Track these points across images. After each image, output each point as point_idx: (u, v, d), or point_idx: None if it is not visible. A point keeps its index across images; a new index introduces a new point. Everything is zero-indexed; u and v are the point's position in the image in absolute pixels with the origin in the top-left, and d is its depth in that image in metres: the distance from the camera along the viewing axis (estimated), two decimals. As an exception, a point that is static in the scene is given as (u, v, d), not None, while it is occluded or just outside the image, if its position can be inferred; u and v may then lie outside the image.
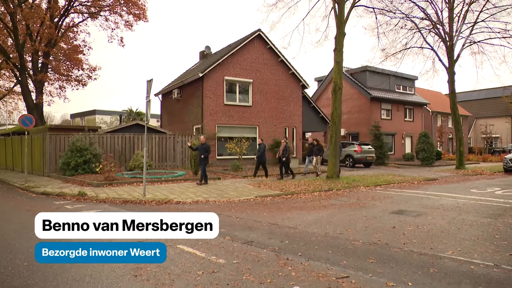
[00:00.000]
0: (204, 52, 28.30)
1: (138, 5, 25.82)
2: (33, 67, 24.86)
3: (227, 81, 21.43)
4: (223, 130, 21.21)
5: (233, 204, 9.79)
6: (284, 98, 23.49)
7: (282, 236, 6.26)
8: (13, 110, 45.80)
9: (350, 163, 23.57)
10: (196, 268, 4.57)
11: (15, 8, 21.88)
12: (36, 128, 18.70)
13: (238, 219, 7.71)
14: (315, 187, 12.71)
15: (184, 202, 9.86)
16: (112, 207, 9.29)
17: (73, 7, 25.26)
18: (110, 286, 4.04)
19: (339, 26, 15.82)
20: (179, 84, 23.48)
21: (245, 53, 22.08)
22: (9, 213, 8.76)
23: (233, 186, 13.28)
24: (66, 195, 11.09)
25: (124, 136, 18.08)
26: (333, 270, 4.55)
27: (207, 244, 5.66)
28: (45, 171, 16.86)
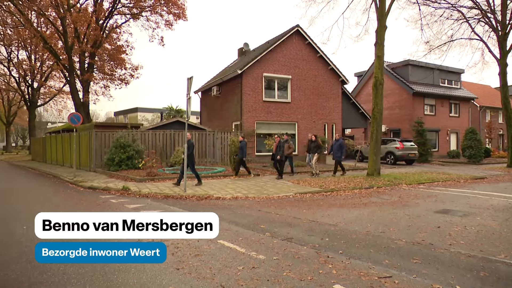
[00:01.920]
0: (242, 49, 28.46)
1: (178, 4, 26.40)
2: (80, 68, 26.10)
3: (265, 77, 21.46)
4: (262, 126, 21.28)
5: (272, 200, 9.82)
6: (323, 94, 23.21)
7: (322, 233, 6.21)
8: (63, 108, 48.46)
9: (392, 160, 22.94)
10: (237, 263, 4.62)
11: (65, 13, 23.08)
12: (83, 126, 19.62)
13: (278, 216, 7.73)
14: (355, 184, 12.50)
15: (223, 198, 10.00)
16: (154, 202, 9.57)
17: (117, 9, 26.22)
18: (153, 277, 4.16)
19: (380, 19, 15.40)
20: (218, 81, 23.78)
21: (284, 49, 22.00)
22: (60, 206, 9.25)
23: (272, 182, 13.31)
24: (111, 190, 11.56)
25: (165, 133, 18.58)
26: (375, 269, 4.46)
27: (247, 240, 5.72)
28: (91, 166, 17.64)
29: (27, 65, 39.64)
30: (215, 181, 13.52)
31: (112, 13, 26.25)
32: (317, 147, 15.73)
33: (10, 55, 40.04)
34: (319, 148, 15.78)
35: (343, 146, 15.76)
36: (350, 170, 18.12)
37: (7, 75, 42.96)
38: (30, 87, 41.18)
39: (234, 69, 22.09)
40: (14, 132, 76.68)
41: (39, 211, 8.15)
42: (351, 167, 18.94)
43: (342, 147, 15.70)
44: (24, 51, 39.29)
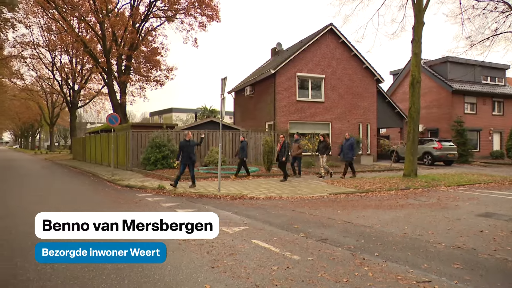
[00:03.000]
0: (275, 49, 28.43)
1: (211, 6, 26.69)
2: (118, 70, 26.93)
3: (299, 77, 21.35)
4: (295, 126, 21.18)
5: (306, 200, 9.75)
6: (357, 94, 22.82)
7: (357, 235, 6.11)
8: (101, 109, 50.35)
9: (429, 161, 22.21)
10: (271, 263, 4.63)
11: (103, 18, 23.93)
12: (121, 126, 20.26)
13: (312, 216, 7.67)
14: (391, 185, 12.21)
15: (257, 198, 10.03)
16: (189, 201, 9.72)
17: (152, 12, 26.86)
18: (189, 275, 4.24)
19: (417, 15, 14.92)
20: (251, 81, 23.89)
21: (317, 48, 21.81)
22: (99, 204, 9.59)
23: (305, 182, 13.22)
24: (147, 188, 11.86)
25: (199, 133, 18.82)
26: (413, 273, 4.33)
27: (281, 240, 5.72)
28: (128, 165, 18.17)
29: (69, 69, 41.44)
30: (249, 181, 13.58)
31: (148, 17, 26.90)
32: (326, 148, 15.10)
33: (54, 60, 42.00)
34: (327, 149, 15.17)
35: (354, 145, 14.79)
36: (386, 170, 17.71)
37: (51, 78, 45.12)
38: (72, 90, 42.98)
39: (267, 69, 22.12)
40: (57, 132, 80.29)
41: (80, 208, 8.50)
42: (386, 168, 18.51)
43: (353, 146, 14.72)
44: (66, 55, 41.12)
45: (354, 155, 14.83)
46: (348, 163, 14.70)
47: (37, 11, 32.55)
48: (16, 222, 6.95)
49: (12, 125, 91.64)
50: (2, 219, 7.27)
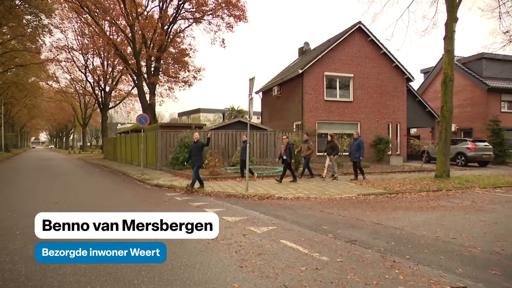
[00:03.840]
0: (303, 49, 28.27)
1: (238, 6, 26.84)
2: (147, 71, 27.50)
3: (327, 76, 21.15)
4: (323, 126, 21.00)
5: (335, 201, 9.64)
6: (387, 93, 22.37)
7: (387, 237, 5.98)
8: (131, 110, 51.62)
9: (462, 161, 21.46)
10: (300, 264, 4.60)
11: (133, 21, 24.51)
12: (150, 126, 20.66)
13: (341, 217, 7.57)
14: (422, 187, 11.88)
15: (285, 198, 9.99)
16: (217, 200, 9.81)
17: (180, 14, 27.29)
18: (218, 274, 4.27)
19: (450, 11, 14.42)
20: (279, 81, 23.85)
21: (345, 47, 21.53)
22: (130, 202, 9.80)
23: (333, 183, 13.07)
24: (176, 188, 12.04)
25: (227, 133, 18.99)
26: (446, 277, 4.20)
27: (309, 241, 5.68)
28: (157, 165, 18.52)
29: (101, 71, 42.70)
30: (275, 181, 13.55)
31: (176, 19, 27.34)
32: (332, 148, 14.19)
33: (86, 62, 43.47)
34: (334, 150, 14.19)
35: (361, 145, 13.83)
36: (416, 171, 17.27)
37: (84, 80, 46.72)
38: (103, 91, 44.28)
39: (295, 69, 22.02)
40: (89, 133, 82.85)
41: (112, 206, 8.72)
42: (417, 168, 18.05)
43: (360, 146, 13.77)
44: (98, 58, 42.43)
45: (362, 156, 13.85)
46: (355, 164, 13.95)
47: (72, 16, 33.75)
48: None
49: (48, 125, 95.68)
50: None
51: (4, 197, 10.31)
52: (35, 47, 32.43)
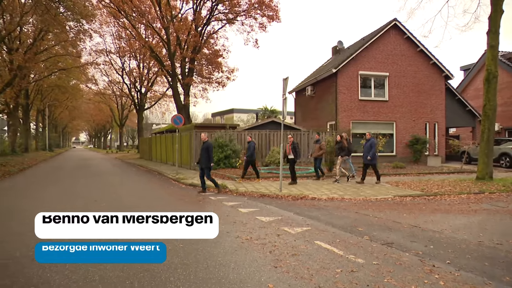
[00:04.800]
0: (336, 47, 27.93)
1: (271, 6, 26.85)
2: (182, 72, 28.02)
3: (361, 75, 20.79)
4: (357, 126, 20.67)
5: (370, 202, 9.46)
6: (424, 91, 21.69)
7: (425, 240, 5.80)
8: (165, 111, 52.83)
9: (507, 163, 20.45)
10: (335, 266, 4.54)
11: (168, 23, 25.08)
12: (185, 127, 21.04)
13: (376, 219, 7.42)
14: (462, 189, 11.42)
15: (319, 199, 9.91)
16: (251, 200, 9.85)
17: (214, 15, 27.63)
18: (252, 274, 4.28)
19: (494, 4, 13.61)
20: (312, 81, 23.68)
21: (380, 45, 21.08)
22: (165, 201, 10.02)
23: (369, 184, 12.83)
24: (210, 187, 12.14)
25: (260, 133, 19.05)
26: (492, 285, 4.01)
27: (344, 242, 5.60)
28: (191, 164, 18.82)
29: (137, 73, 43.95)
30: (310, 181, 13.48)
31: (210, 20, 27.70)
32: (341, 149, 13.57)
33: (123, 65, 44.86)
34: (343, 151, 13.54)
35: (373, 146, 12.93)
36: (455, 172, 16.64)
37: (121, 82, 48.26)
38: (139, 92, 45.51)
39: (329, 68, 21.79)
40: (126, 133, 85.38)
41: (148, 205, 8.93)
42: (456, 170, 17.39)
43: (372, 147, 12.91)
44: (134, 61, 43.68)
45: (371, 157, 12.88)
46: (366, 165, 13.20)
47: (110, 21, 34.88)
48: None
49: (87, 126, 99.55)
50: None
51: (48, 195, 10.81)
52: (76, 51, 33.84)
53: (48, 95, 44.74)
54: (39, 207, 8.44)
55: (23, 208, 8.50)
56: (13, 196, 10.64)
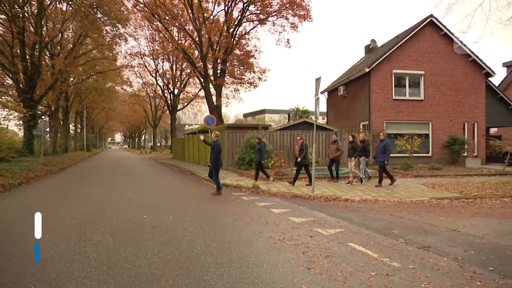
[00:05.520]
0: (369, 46, 27.43)
1: (303, 6, 26.71)
2: (214, 74, 28.34)
3: (395, 74, 20.29)
4: (391, 126, 20.20)
5: (405, 205, 9.21)
6: (462, 90, 20.90)
7: (465, 245, 5.58)
8: (198, 112, 53.60)
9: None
10: (369, 269, 4.46)
11: (200, 25, 25.45)
12: (217, 127, 21.24)
13: (412, 221, 7.21)
14: (505, 192, 10.90)
15: (352, 200, 9.76)
16: (283, 201, 9.82)
17: (245, 16, 27.80)
18: (285, 274, 4.26)
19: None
20: (344, 81, 23.35)
21: (415, 43, 20.49)
22: (198, 200, 10.13)
23: (403, 185, 12.51)
24: (242, 188, 12.26)
25: (292, 134, 18.98)
26: (539, 292, 3.82)
27: (379, 245, 5.48)
28: (223, 165, 18.97)
29: (170, 75, 44.87)
30: (343, 182, 13.28)
31: (241, 21, 27.89)
32: (354, 150, 13.09)
33: (157, 67, 45.91)
34: (355, 151, 13.05)
35: (387, 148, 12.39)
36: (497, 175, 15.92)
37: (155, 84, 49.43)
38: (172, 94, 46.43)
39: (361, 67, 21.42)
40: (159, 134, 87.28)
41: (181, 204, 9.07)
42: (498, 172, 16.63)
43: (386, 149, 12.37)
44: (167, 62, 44.63)
45: (387, 160, 12.44)
46: (381, 167, 12.65)
47: (144, 25, 35.82)
48: (133, 213, 7.67)
49: (122, 127, 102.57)
50: (123, 209, 8.12)
51: (86, 193, 11.20)
52: (112, 55, 34.99)
53: (86, 97, 46.44)
54: (77, 205, 8.78)
55: (61, 205, 8.86)
56: (54, 194, 11.09)
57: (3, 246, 5.39)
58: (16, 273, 4.32)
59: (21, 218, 7.44)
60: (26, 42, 22.32)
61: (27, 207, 8.65)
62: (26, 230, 6.30)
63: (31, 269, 4.42)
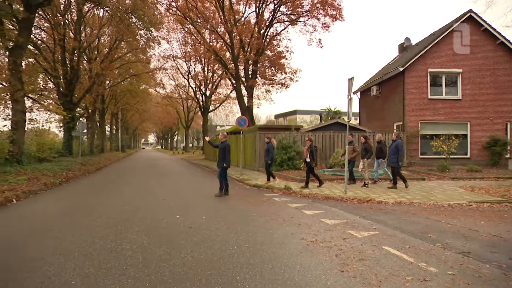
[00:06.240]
0: (403, 45, 26.75)
1: (334, 6, 26.42)
2: (245, 75, 28.50)
3: (431, 73, 19.67)
4: (426, 127, 19.59)
5: (442, 208, 8.89)
6: (505, 88, 19.95)
7: (509, 252, 5.30)
8: (229, 113, 54.07)
9: None
10: (405, 273, 4.33)
11: (232, 27, 25.68)
12: (248, 128, 21.34)
13: (449, 225, 6.95)
14: (552, 195, 10.34)
15: (386, 202, 9.53)
16: (315, 202, 9.72)
17: (276, 17, 27.80)
18: (318, 277, 4.21)
19: None
20: (378, 80, 22.88)
21: (452, 40, 19.76)
22: (230, 201, 10.19)
23: (440, 188, 12.09)
24: (274, 189, 12.24)
25: (324, 134, 18.78)
26: None
27: (415, 249, 5.32)
28: (255, 165, 19.03)
29: (202, 76, 45.52)
30: (375, 184, 13.00)
31: (272, 22, 27.91)
32: (366, 151, 12.54)
33: (189, 69, 46.71)
34: (368, 152, 12.56)
35: (399, 148, 11.70)
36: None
37: (187, 86, 50.26)
38: (204, 95, 47.06)
39: (395, 67, 20.91)
40: (191, 135, 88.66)
41: (214, 205, 9.15)
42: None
43: (398, 149, 11.67)
44: (199, 64, 45.28)
45: (400, 161, 11.80)
46: (393, 169, 12.04)
47: (176, 28, 36.50)
48: (167, 213, 7.83)
49: (155, 128, 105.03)
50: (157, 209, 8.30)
51: (121, 193, 11.52)
52: (146, 58, 35.88)
53: (121, 100, 47.83)
54: (113, 204, 9.04)
55: (98, 204, 9.15)
56: (91, 193, 11.47)
57: (46, 242, 5.62)
58: (59, 267, 4.51)
59: (63, 214, 7.75)
60: (66, 47, 23.40)
61: (67, 206, 9.00)
62: (67, 227, 6.55)
63: (72, 264, 4.60)
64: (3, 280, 4.09)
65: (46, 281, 4.06)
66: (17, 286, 3.96)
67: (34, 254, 5.01)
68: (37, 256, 4.91)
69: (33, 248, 5.28)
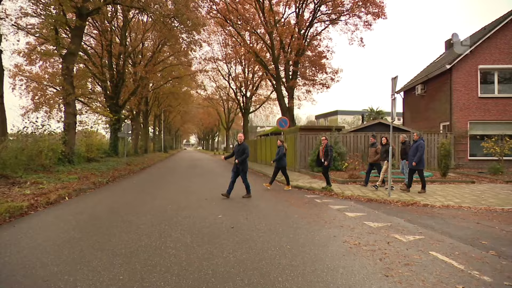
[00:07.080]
0: (450, 41, 25.59)
1: (376, 3, 25.80)
2: (286, 75, 28.42)
3: (481, 70, 18.71)
4: (476, 127, 18.64)
5: (495, 213, 8.41)
6: None
7: None
8: (269, 114, 54.14)
9: None
10: (454, 281, 4.12)
11: (272, 28, 25.73)
12: (289, 129, 21.26)
13: (504, 232, 6.55)
14: None
15: (432, 206, 9.15)
16: (357, 204, 9.53)
17: (316, 17, 27.53)
18: (362, 281, 4.11)
19: None
20: (423, 79, 22.06)
21: (506, 34, 18.77)
22: (271, 201, 10.18)
23: (491, 191, 11.45)
24: (315, 190, 12.12)
25: (366, 135, 18.37)
26: None
27: (465, 256, 5.06)
28: (296, 166, 18.92)
29: (242, 78, 45.87)
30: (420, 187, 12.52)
31: (312, 22, 27.66)
32: (387, 152, 11.62)
33: (229, 71, 47.25)
34: (388, 154, 11.46)
35: (420, 149, 10.92)
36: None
37: (227, 87, 50.84)
38: (244, 96, 47.41)
39: (442, 64, 20.08)
40: (232, 135, 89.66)
41: (255, 204, 9.16)
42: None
43: (419, 150, 10.91)
44: (239, 66, 45.70)
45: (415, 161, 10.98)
46: (411, 170, 11.36)
47: (217, 30, 37.06)
48: (209, 212, 7.95)
49: (197, 129, 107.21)
50: (199, 209, 8.46)
51: (165, 192, 11.83)
52: (187, 60, 36.75)
53: (163, 102, 49.16)
54: (157, 203, 9.30)
55: (143, 202, 9.44)
56: (136, 192, 11.86)
57: (95, 238, 5.87)
58: (107, 262, 4.70)
59: (110, 212, 8.07)
60: (113, 52, 24.46)
61: (115, 204, 9.36)
62: (114, 224, 6.82)
63: (120, 259, 4.78)
64: (63, 280, 4.31)
65: (96, 275, 4.24)
66: (70, 277, 4.15)
67: (85, 250, 5.25)
68: (87, 252, 5.14)
69: (84, 245, 5.53)
